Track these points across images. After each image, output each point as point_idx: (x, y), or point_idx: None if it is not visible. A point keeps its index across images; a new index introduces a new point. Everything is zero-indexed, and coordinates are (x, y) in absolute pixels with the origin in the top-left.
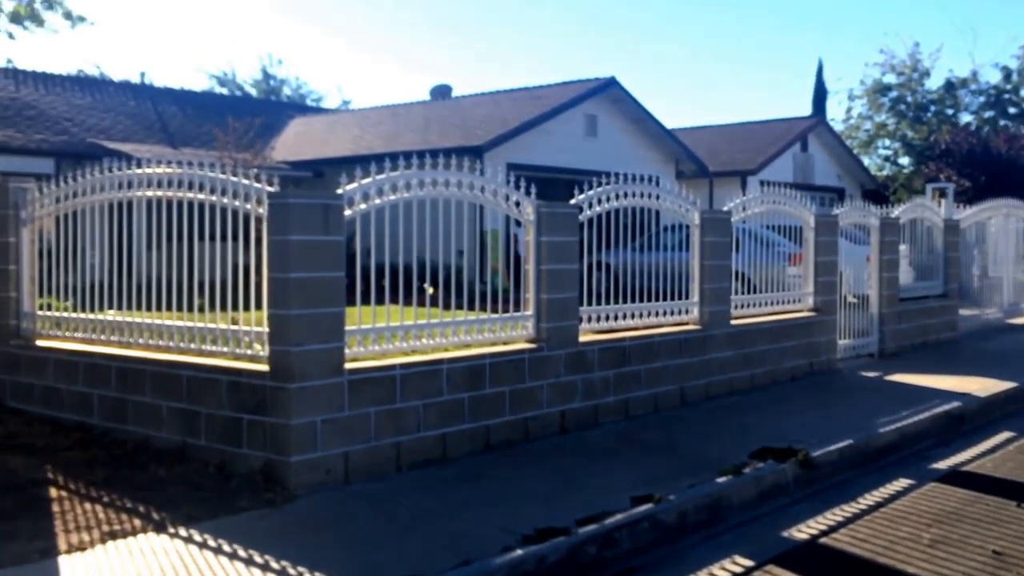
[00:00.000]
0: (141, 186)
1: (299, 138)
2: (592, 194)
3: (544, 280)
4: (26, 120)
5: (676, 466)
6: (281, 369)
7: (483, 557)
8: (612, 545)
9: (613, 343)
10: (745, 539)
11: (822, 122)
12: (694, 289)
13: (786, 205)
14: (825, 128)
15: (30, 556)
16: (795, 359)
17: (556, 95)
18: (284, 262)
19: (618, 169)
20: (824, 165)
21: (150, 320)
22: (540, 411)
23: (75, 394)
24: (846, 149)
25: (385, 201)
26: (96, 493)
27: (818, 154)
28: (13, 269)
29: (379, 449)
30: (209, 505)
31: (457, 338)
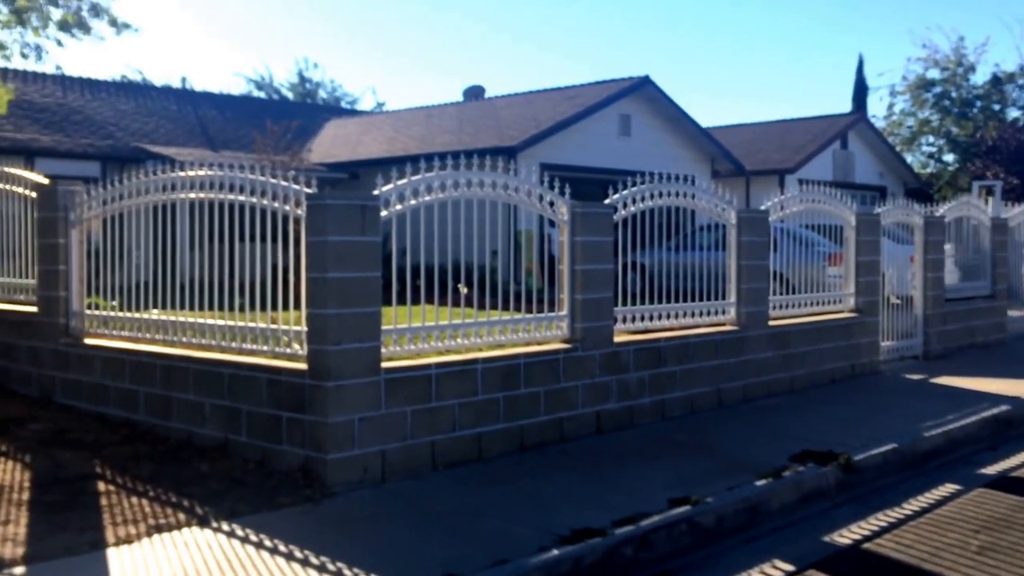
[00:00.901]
0: (184, 188)
1: (334, 140)
2: (626, 194)
3: (579, 280)
4: (73, 125)
5: (713, 468)
6: (319, 368)
7: (519, 557)
8: (648, 547)
9: (648, 344)
10: (785, 543)
11: (863, 119)
12: (731, 289)
13: (826, 204)
14: (866, 125)
15: (80, 548)
16: (836, 361)
17: (590, 95)
18: (322, 262)
19: (652, 169)
20: (865, 163)
21: (193, 319)
22: (575, 412)
23: (121, 391)
24: (888, 146)
25: (420, 202)
26: (142, 487)
27: (859, 152)
28: (63, 269)
29: (415, 448)
30: (250, 500)
31: (492, 338)
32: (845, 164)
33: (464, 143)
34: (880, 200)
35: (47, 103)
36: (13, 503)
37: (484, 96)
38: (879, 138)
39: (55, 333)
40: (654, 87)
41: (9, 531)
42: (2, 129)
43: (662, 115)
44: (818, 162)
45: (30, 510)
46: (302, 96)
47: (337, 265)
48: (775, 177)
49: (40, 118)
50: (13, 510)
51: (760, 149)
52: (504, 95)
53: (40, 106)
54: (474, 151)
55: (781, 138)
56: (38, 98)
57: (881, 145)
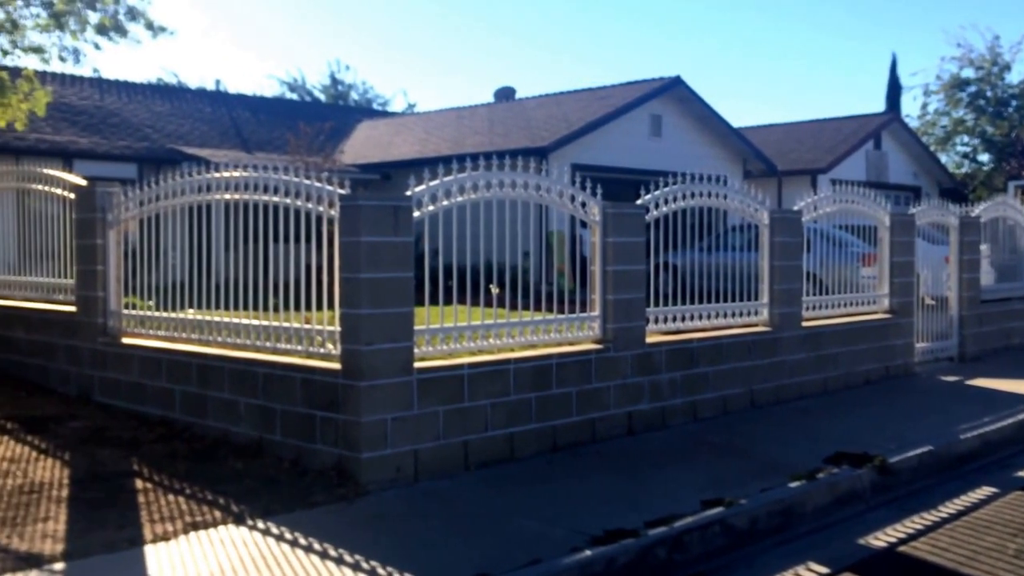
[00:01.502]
0: (219, 189)
1: (366, 141)
2: (658, 194)
3: (610, 281)
4: (110, 127)
5: (746, 469)
6: (352, 368)
7: (552, 557)
8: (682, 548)
9: (681, 344)
10: (819, 546)
11: (896, 118)
12: (764, 290)
13: (859, 204)
14: (899, 125)
15: (118, 544)
16: (870, 362)
17: (620, 95)
18: (355, 263)
19: (683, 169)
20: (899, 163)
21: (228, 319)
22: (607, 412)
23: (158, 390)
24: (922, 146)
25: (452, 203)
26: (178, 485)
27: (892, 151)
28: (100, 269)
29: (447, 448)
30: (285, 499)
31: (524, 338)
32: (879, 164)
33: (495, 144)
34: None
35: (85, 106)
36: (53, 500)
37: (515, 97)
38: (913, 138)
39: (93, 332)
40: (685, 87)
41: (49, 527)
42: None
43: (693, 115)
44: (851, 162)
45: (69, 507)
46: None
47: (370, 265)
48: (807, 177)
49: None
50: (53, 507)
51: (792, 149)
52: (535, 96)
53: (78, 109)
54: (505, 152)
55: (813, 138)
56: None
57: (915, 145)
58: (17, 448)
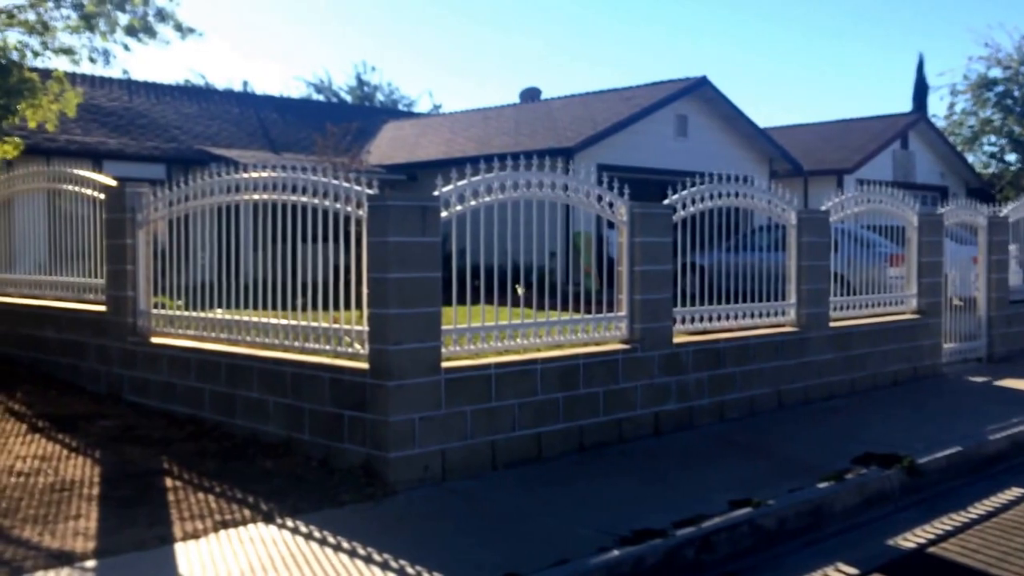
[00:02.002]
0: (247, 190)
1: (392, 142)
2: (686, 194)
3: (637, 281)
4: (139, 128)
5: (774, 470)
6: (380, 367)
7: (580, 557)
8: (710, 549)
9: (707, 345)
10: (848, 546)
11: (923, 118)
12: (791, 290)
13: (887, 204)
14: (926, 124)
15: (149, 542)
16: (898, 363)
17: (646, 96)
18: (383, 263)
19: (709, 169)
20: (925, 163)
21: (256, 319)
22: (634, 412)
23: (187, 389)
24: (949, 146)
25: (480, 203)
26: (208, 483)
27: (919, 151)
28: (130, 269)
29: (475, 447)
30: (313, 497)
31: (551, 338)
32: (905, 164)
33: (521, 144)
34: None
35: (114, 107)
36: (84, 498)
37: (540, 98)
38: (940, 138)
39: (123, 332)
40: (711, 87)
41: (80, 525)
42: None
43: (719, 115)
44: (878, 162)
45: (100, 505)
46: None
47: (398, 265)
48: (833, 177)
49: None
50: (84, 504)
51: (818, 149)
52: (560, 97)
53: (107, 110)
54: (531, 152)
55: (840, 138)
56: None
57: (942, 145)
58: (48, 446)
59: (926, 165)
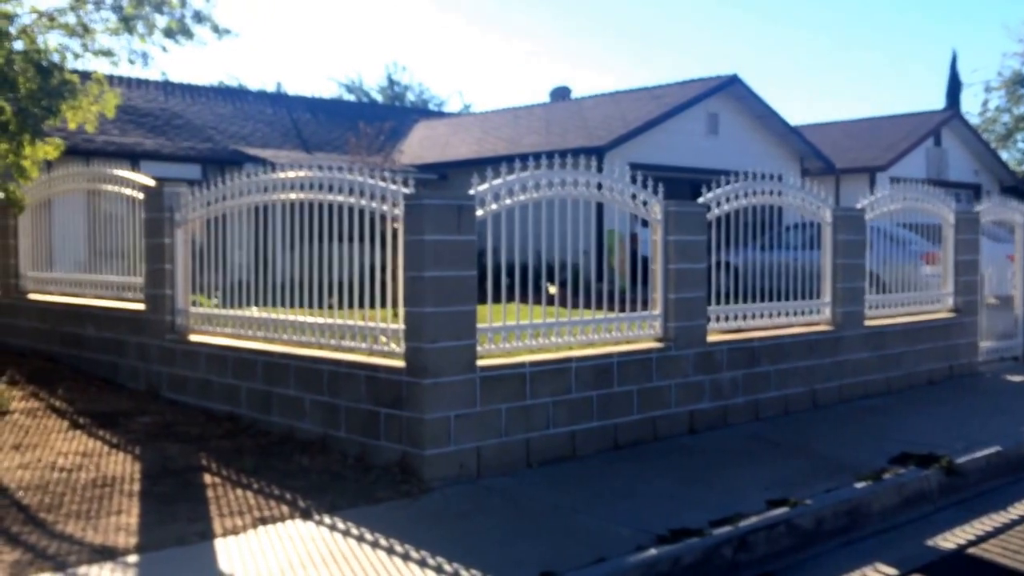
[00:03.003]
0: (284, 189)
1: (423, 142)
2: (720, 192)
3: (672, 279)
4: (175, 129)
5: (810, 469)
6: (416, 365)
7: (617, 555)
8: (747, 548)
9: (742, 343)
10: (887, 547)
11: (957, 115)
12: (826, 289)
13: (923, 202)
14: (960, 121)
15: (189, 538)
16: (933, 362)
17: (677, 94)
18: (419, 261)
19: (740, 167)
20: (959, 160)
21: (292, 317)
22: (668, 411)
23: (225, 386)
24: (983, 143)
25: (515, 201)
26: (246, 480)
27: (952, 149)
28: (168, 268)
29: (510, 445)
30: (350, 494)
31: (585, 337)
32: (939, 162)
33: (552, 143)
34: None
35: (151, 108)
36: (125, 493)
37: (570, 97)
38: (974, 135)
39: (162, 330)
40: (742, 85)
41: (122, 521)
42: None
43: (750, 113)
44: (910, 160)
45: (141, 500)
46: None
47: (434, 264)
48: (865, 175)
49: (144, 123)
50: (125, 500)
51: (850, 147)
52: (590, 95)
53: (144, 111)
54: (562, 151)
55: (872, 135)
56: (142, 104)
57: (976, 142)
58: (90, 442)
59: (959, 162)
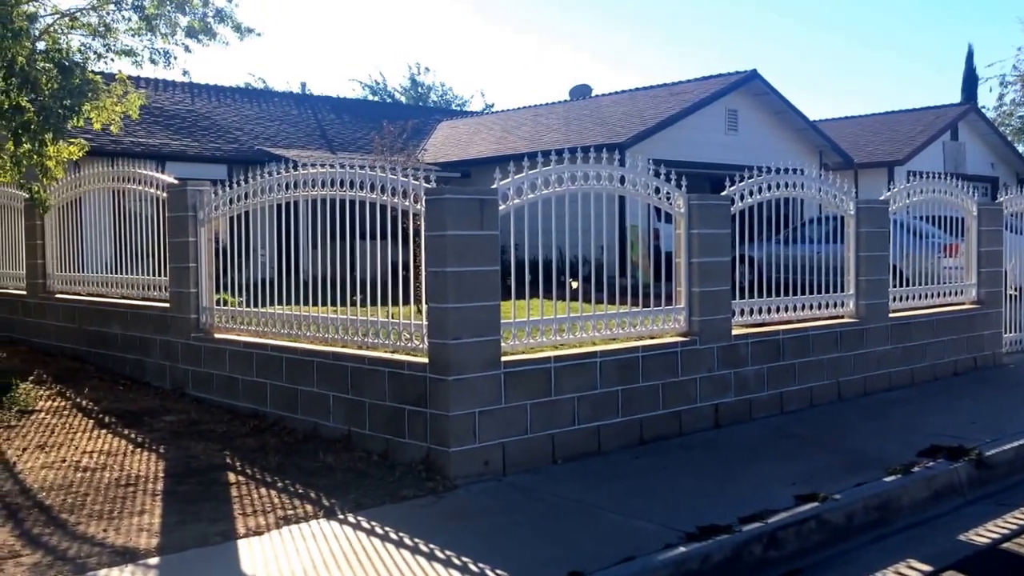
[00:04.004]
0: (306, 186)
1: (446, 141)
2: (743, 185)
3: (696, 273)
4: (201, 130)
5: (837, 463)
6: (439, 362)
7: (646, 553)
8: (777, 545)
9: (766, 336)
10: (918, 542)
11: (974, 109)
12: (849, 281)
13: (947, 194)
14: (977, 115)
15: (212, 539)
16: (957, 353)
17: (696, 90)
18: (441, 257)
19: (759, 163)
20: (975, 154)
21: (315, 314)
22: (693, 405)
23: (249, 384)
24: (1000, 137)
25: (538, 195)
26: (270, 478)
27: (969, 142)
28: (193, 267)
29: (535, 441)
30: (375, 492)
31: (609, 331)
32: (956, 155)
33: (572, 141)
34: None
35: (176, 110)
36: (148, 493)
37: (590, 94)
38: (991, 128)
39: (187, 328)
40: (761, 81)
41: (144, 521)
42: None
43: (769, 109)
44: (928, 153)
45: (164, 500)
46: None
47: (456, 259)
48: (883, 169)
49: (170, 124)
50: (148, 500)
51: (868, 142)
52: (609, 93)
53: (170, 112)
54: (582, 148)
55: (889, 130)
56: (168, 105)
57: (992, 135)
58: (114, 442)
59: (976, 156)
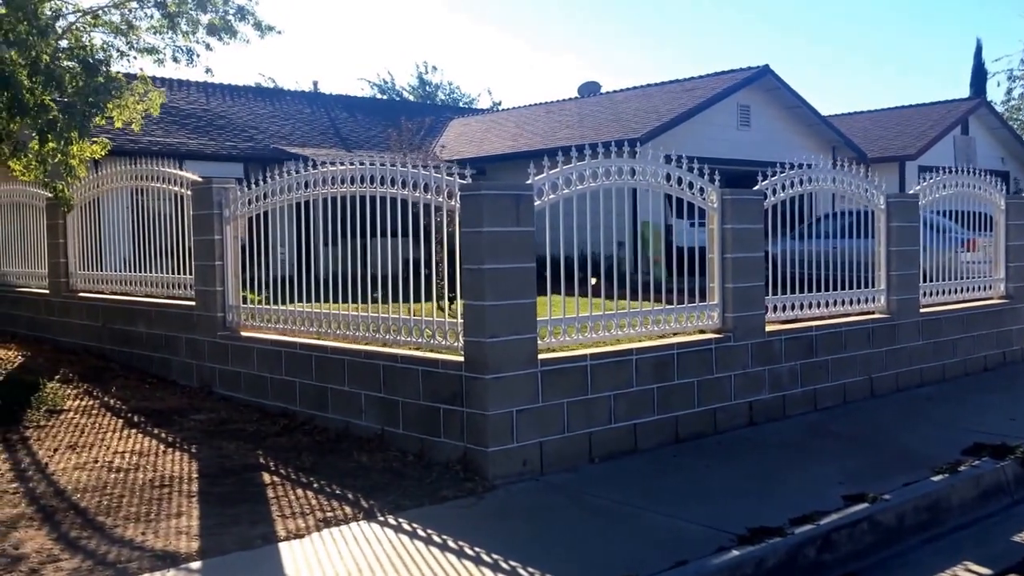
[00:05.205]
0: (335, 183)
1: (459, 138)
2: (776, 180)
3: (729, 269)
4: (216, 129)
5: (880, 461)
6: (476, 360)
7: (697, 557)
8: (831, 547)
9: (799, 333)
10: (972, 543)
11: (984, 103)
12: (880, 276)
13: (976, 188)
14: (988, 109)
15: (253, 542)
16: (987, 348)
17: (708, 86)
18: (477, 253)
19: (772, 158)
20: (986, 148)
21: (346, 312)
22: (728, 402)
23: (278, 382)
24: (1010, 131)
25: (573, 191)
26: (305, 479)
27: (980, 137)
28: (219, 265)
29: (572, 440)
30: (413, 493)
31: (644, 329)
32: (966, 150)
33: (586, 137)
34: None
35: (192, 109)
36: (184, 494)
37: (599, 92)
38: (1001, 123)
39: (213, 326)
40: (774, 76)
41: (182, 524)
42: (153, 134)
43: (781, 104)
44: (939, 148)
45: (200, 501)
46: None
47: (493, 256)
48: (895, 164)
49: (187, 123)
50: (184, 502)
51: (879, 136)
52: (622, 89)
53: (186, 112)
54: (597, 144)
55: (900, 125)
56: (184, 105)
57: (1002, 130)
58: (145, 441)
59: (986, 150)
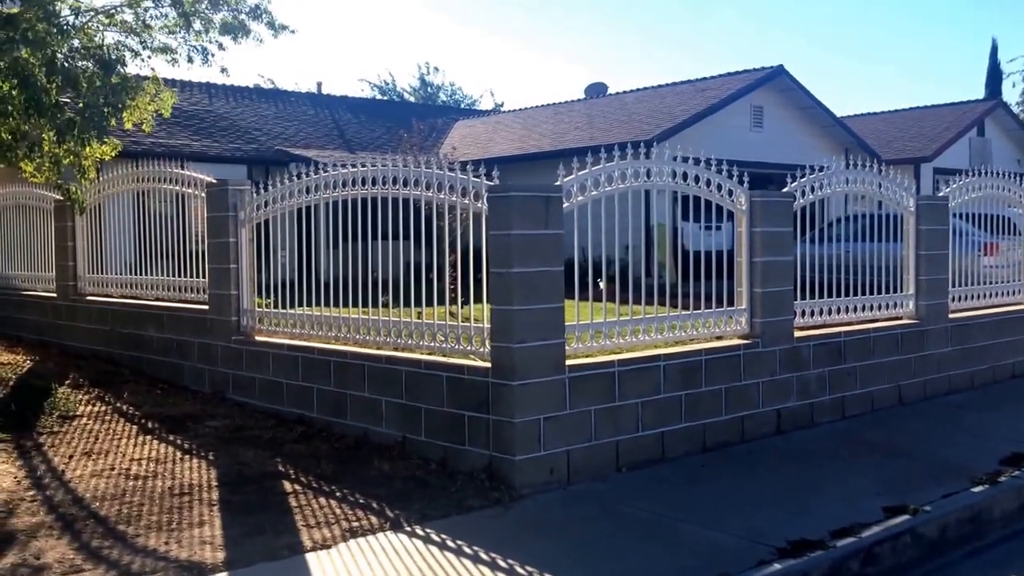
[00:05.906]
0: (357, 184)
1: (463, 140)
2: (804, 181)
3: (758, 273)
4: (220, 130)
5: (914, 471)
6: (503, 366)
7: (740, 571)
8: (874, 561)
9: (829, 339)
10: (1017, 557)
11: (1000, 104)
12: (908, 281)
13: (1005, 190)
14: (1004, 110)
15: (279, 552)
16: (1017, 355)
17: (721, 87)
18: (505, 257)
19: (784, 160)
20: (1001, 150)
21: (366, 316)
22: (755, 410)
23: (294, 388)
24: None
25: (602, 192)
26: (327, 487)
27: (995, 138)
28: (234, 268)
29: (599, 448)
30: (438, 503)
31: (671, 334)
32: (982, 151)
33: (596, 139)
34: None
35: (195, 110)
36: (204, 503)
37: (606, 93)
38: (1017, 124)
39: (227, 331)
40: (788, 77)
41: (206, 533)
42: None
43: (794, 105)
44: (955, 150)
45: (222, 510)
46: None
47: (521, 259)
48: (910, 166)
49: (190, 125)
50: (206, 510)
51: (893, 138)
52: (632, 90)
53: (189, 113)
54: (608, 146)
55: (915, 126)
56: (187, 106)
57: (1019, 131)
58: (161, 448)
59: (1002, 152)
